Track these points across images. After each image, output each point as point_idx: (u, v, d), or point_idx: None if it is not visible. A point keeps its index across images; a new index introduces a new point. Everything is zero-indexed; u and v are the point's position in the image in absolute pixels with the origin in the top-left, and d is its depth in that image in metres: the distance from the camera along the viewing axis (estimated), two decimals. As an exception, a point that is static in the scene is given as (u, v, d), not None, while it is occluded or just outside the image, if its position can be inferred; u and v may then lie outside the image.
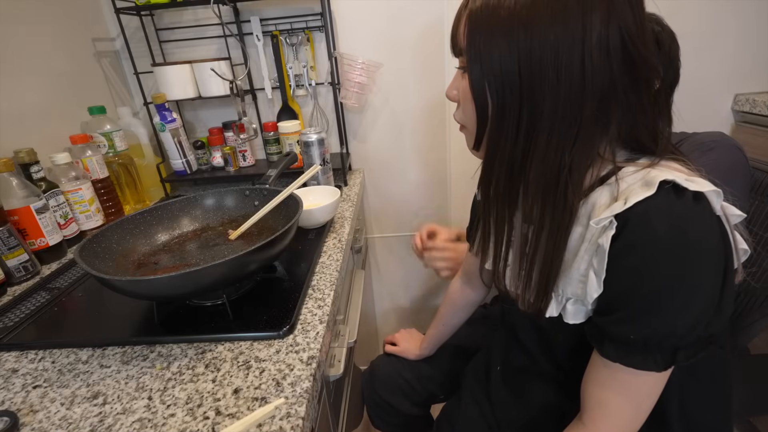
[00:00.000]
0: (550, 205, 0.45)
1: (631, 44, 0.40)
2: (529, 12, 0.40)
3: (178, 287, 0.56)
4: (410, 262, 1.48)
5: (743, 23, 1.12)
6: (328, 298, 0.65)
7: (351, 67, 1.14)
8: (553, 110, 0.41)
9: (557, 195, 0.44)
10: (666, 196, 0.40)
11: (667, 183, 0.40)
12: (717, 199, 0.41)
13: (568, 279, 0.47)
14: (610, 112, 0.42)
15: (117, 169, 1.05)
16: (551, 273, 0.47)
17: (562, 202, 0.44)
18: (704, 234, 0.40)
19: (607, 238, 0.42)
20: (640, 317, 0.42)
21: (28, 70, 0.93)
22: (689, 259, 0.40)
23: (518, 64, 0.41)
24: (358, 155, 1.32)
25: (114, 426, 0.46)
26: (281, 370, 0.52)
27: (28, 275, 0.77)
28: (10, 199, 0.77)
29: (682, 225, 0.39)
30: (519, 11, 0.40)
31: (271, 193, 0.77)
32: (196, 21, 1.16)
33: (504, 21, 0.41)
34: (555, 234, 0.46)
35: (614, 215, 0.41)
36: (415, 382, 0.93)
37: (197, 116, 1.29)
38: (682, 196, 0.40)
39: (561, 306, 0.50)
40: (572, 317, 0.49)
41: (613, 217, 0.41)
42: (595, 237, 0.44)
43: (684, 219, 0.39)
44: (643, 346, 0.43)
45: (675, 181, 0.40)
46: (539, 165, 0.44)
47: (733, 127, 1.22)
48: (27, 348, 0.60)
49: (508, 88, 0.42)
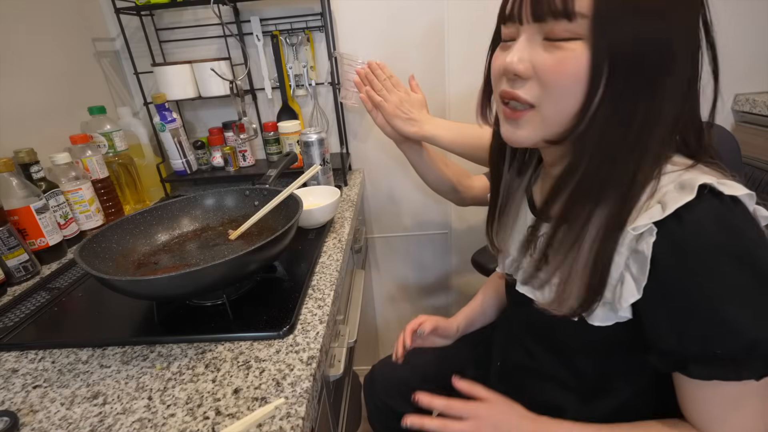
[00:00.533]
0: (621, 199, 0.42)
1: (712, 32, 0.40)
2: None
3: (178, 287, 0.56)
4: (410, 262, 1.48)
5: (743, 23, 1.12)
6: (328, 298, 0.65)
7: (351, 67, 1.14)
8: (669, 97, 0.40)
9: (634, 189, 0.42)
10: (710, 201, 0.39)
11: (705, 187, 0.39)
12: (750, 201, 0.40)
13: None
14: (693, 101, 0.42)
15: (117, 169, 1.05)
16: (604, 273, 0.44)
17: (636, 198, 0.42)
18: (755, 235, 0.39)
19: (648, 245, 0.40)
20: (721, 330, 0.40)
21: (28, 70, 0.93)
22: (751, 261, 0.38)
23: (655, 42, 0.38)
24: (358, 155, 1.32)
25: (114, 426, 0.46)
26: (281, 370, 0.52)
27: (28, 275, 0.77)
28: (10, 199, 0.77)
29: (737, 229, 0.39)
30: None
31: (271, 193, 0.77)
32: (196, 21, 1.16)
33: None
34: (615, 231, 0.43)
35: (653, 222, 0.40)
36: (417, 385, 0.92)
37: (197, 116, 1.29)
38: (722, 199, 0.39)
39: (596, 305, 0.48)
40: (600, 320, 0.47)
41: (652, 224, 0.40)
42: (632, 242, 0.42)
43: (735, 222, 0.39)
44: (731, 359, 0.40)
45: (711, 185, 0.39)
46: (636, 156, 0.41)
47: (733, 127, 1.22)
48: (27, 348, 0.60)
49: (635, 67, 0.39)
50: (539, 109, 0.44)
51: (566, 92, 0.41)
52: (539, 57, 0.42)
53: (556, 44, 0.41)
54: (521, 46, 0.43)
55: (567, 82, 0.41)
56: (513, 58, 0.43)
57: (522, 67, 0.43)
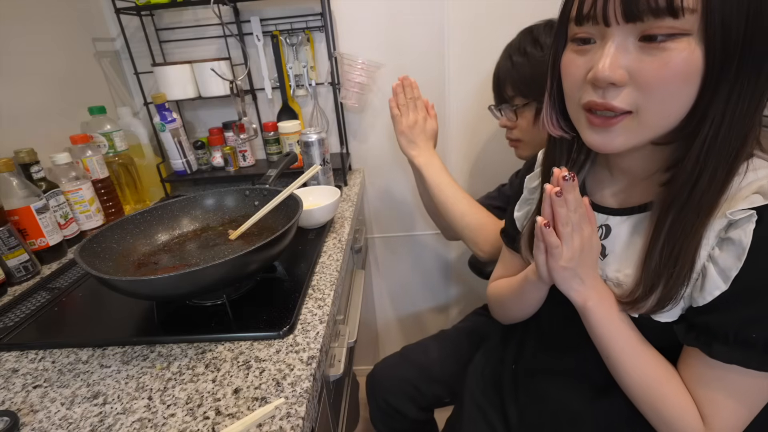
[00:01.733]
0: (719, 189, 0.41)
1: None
2: None
3: (178, 287, 0.56)
4: (410, 262, 1.48)
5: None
6: (328, 298, 0.65)
7: (351, 67, 1.14)
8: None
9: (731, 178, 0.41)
10: None
11: None
12: None
13: None
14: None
15: (117, 169, 1.05)
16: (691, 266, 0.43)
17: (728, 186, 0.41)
18: None
19: (747, 233, 0.39)
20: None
21: (28, 70, 0.93)
22: None
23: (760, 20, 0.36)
24: (358, 155, 1.32)
25: (114, 426, 0.46)
26: (281, 370, 0.52)
27: (28, 275, 0.77)
28: (10, 199, 0.77)
29: None
30: None
31: (271, 193, 0.77)
32: (196, 21, 1.16)
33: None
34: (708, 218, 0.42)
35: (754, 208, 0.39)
36: (421, 384, 0.91)
37: (197, 116, 1.29)
38: None
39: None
40: (669, 315, 0.46)
41: (754, 210, 0.39)
42: (721, 231, 0.41)
43: None
44: (764, 346, 0.40)
45: None
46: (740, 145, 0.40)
47: (733, 127, 1.22)
48: (27, 348, 0.60)
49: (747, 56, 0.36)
50: (637, 114, 0.41)
51: (673, 95, 0.38)
52: (637, 61, 0.38)
53: (657, 45, 0.37)
54: (612, 50, 0.39)
55: (674, 86, 0.38)
56: (604, 66, 0.39)
57: (618, 76, 0.39)
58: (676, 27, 0.36)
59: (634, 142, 0.43)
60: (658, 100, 0.39)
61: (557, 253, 0.47)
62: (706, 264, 0.42)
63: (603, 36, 0.40)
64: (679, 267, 0.43)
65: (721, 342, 0.42)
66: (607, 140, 0.44)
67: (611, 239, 0.52)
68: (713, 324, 0.42)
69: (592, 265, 0.49)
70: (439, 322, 1.59)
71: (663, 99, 0.39)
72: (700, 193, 0.41)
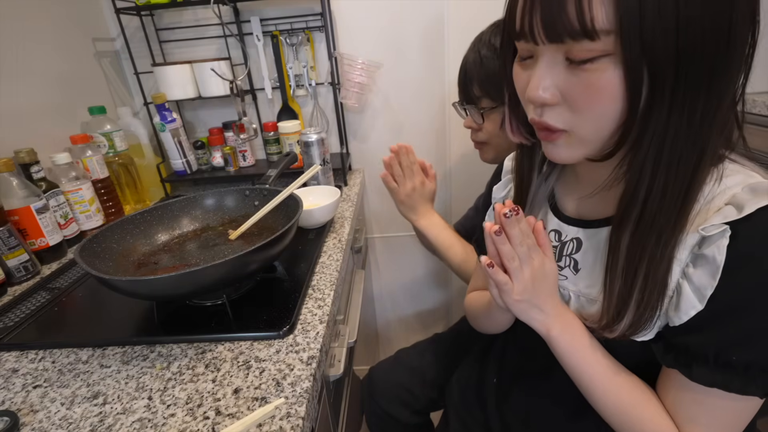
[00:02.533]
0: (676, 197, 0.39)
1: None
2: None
3: (178, 287, 0.56)
4: (411, 262, 1.48)
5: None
6: (328, 298, 0.65)
7: (351, 67, 1.14)
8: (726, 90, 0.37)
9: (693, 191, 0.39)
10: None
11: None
12: None
13: None
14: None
15: (117, 169, 1.05)
16: (663, 285, 0.41)
17: (694, 200, 0.39)
18: None
19: (721, 249, 0.37)
20: (756, 339, 0.38)
21: (28, 70, 0.93)
22: None
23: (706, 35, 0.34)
24: (358, 155, 1.32)
25: (114, 426, 0.46)
26: (281, 370, 0.52)
27: (28, 275, 0.77)
28: (10, 199, 0.77)
29: None
30: None
31: (271, 193, 0.77)
32: (196, 21, 1.16)
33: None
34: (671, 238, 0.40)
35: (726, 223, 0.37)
36: (415, 388, 0.91)
37: (197, 116, 1.29)
38: None
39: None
40: (648, 334, 0.44)
41: (727, 225, 0.37)
42: (695, 247, 0.40)
43: None
44: (744, 369, 0.38)
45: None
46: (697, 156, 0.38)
47: (733, 127, 1.22)
48: (27, 348, 0.60)
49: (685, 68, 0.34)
50: (573, 132, 0.40)
51: (603, 115, 0.38)
52: (565, 81, 0.38)
53: (581, 66, 0.36)
54: (542, 72, 0.39)
55: (602, 106, 0.37)
56: (535, 86, 0.39)
57: (549, 96, 0.39)
58: (595, 49, 0.35)
59: (579, 155, 0.42)
60: (589, 120, 0.39)
61: (507, 289, 0.46)
62: (680, 281, 0.41)
63: (536, 53, 0.40)
64: (648, 292, 0.41)
65: (701, 364, 0.40)
66: (555, 153, 0.43)
67: (583, 253, 0.50)
68: (692, 345, 0.41)
69: (550, 293, 0.48)
70: (440, 321, 1.59)
71: (594, 119, 0.38)
72: (653, 211, 0.39)
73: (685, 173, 0.38)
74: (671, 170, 0.38)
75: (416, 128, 1.28)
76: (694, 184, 0.38)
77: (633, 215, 0.41)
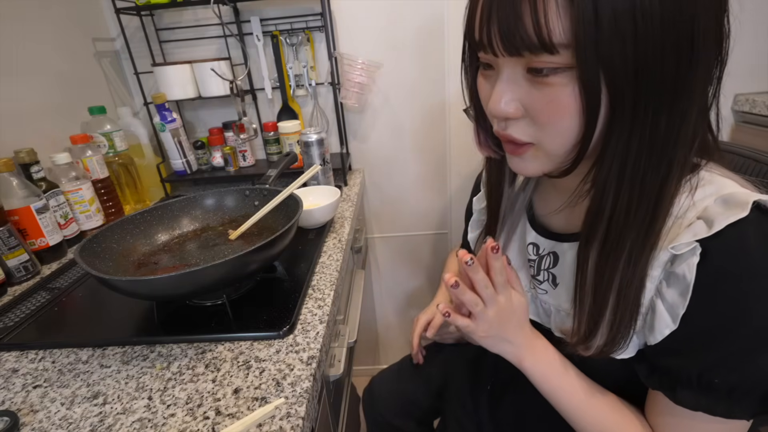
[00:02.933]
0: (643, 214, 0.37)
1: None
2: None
3: (178, 287, 0.56)
4: (410, 262, 1.48)
5: (743, 23, 1.12)
6: (328, 298, 0.65)
7: (351, 67, 1.14)
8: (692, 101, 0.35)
9: (662, 206, 0.37)
10: (759, 219, 0.35)
11: (755, 203, 0.36)
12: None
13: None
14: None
15: (117, 169, 1.05)
16: (635, 304, 0.40)
17: (665, 214, 0.38)
18: None
19: (691, 268, 0.36)
20: (737, 360, 0.37)
21: (28, 70, 0.93)
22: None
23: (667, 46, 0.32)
24: (358, 155, 1.32)
25: (114, 426, 0.46)
26: (281, 370, 0.52)
27: (28, 275, 0.77)
28: (10, 199, 0.77)
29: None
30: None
31: (271, 193, 0.77)
32: (196, 21, 1.16)
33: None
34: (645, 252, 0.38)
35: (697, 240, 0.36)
36: (419, 397, 0.89)
37: (197, 116, 1.29)
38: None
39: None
40: (626, 352, 0.43)
41: (697, 242, 0.36)
42: (667, 264, 0.38)
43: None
44: (728, 392, 0.37)
45: (760, 201, 0.36)
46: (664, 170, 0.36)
47: (733, 127, 1.22)
48: (27, 348, 0.60)
49: (646, 81, 0.33)
50: (539, 145, 0.40)
51: (566, 129, 0.37)
52: (527, 95, 0.37)
53: (541, 80, 0.35)
54: (503, 85, 0.38)
55: (564, 121, 0.36)
56: (497, 100, 0.38)
57: (511, 110, 0.38)
58: (555, 62, 0.34)
59: (547, 168, 0.41)
60: (553, 134, 0.38)
61: (471, 330, 0.46)
62: (654, 299, 0.40)
63: (497, 65, 0.38)
64: (621, 311, 0.40)
65: (685, 387, 0.39)
66: (522, 166, 0.42)
67: (560, 267, 0.49)
68: (674, 367, 0.40)
69: (519, 325, 0.48)
70: (439, 322, 1.59)
71: (558, 133, 0.37)
72: (619, 228, 0.38)
73: (651, 190, 0.37)
74: (635, 187, 0.37)
75: (416, 128, 1.28)
76: (661, 200, 0.37)
77: (599, 232, 0.40)
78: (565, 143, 0.38)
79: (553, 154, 0.39)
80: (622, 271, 0.39)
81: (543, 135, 0.38)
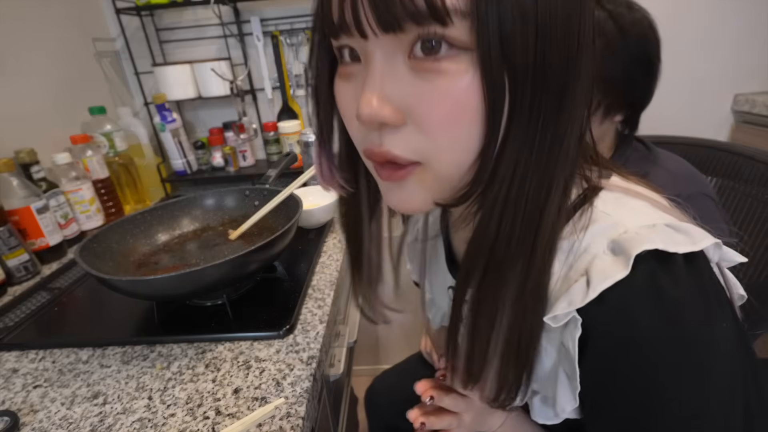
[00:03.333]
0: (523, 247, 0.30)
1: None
2: None
3: (178, 287, 0.56)
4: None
5: (743, 23, 1.12)
6: (328, 298, 0.65)
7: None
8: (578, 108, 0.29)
9: (539, 232, 0.30)
10: (648, 277, 0.28)
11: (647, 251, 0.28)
12: (715, 251, 0.31)
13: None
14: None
15: (117, 169, 1.05)
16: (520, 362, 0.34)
17: (542, 242, 0.30)
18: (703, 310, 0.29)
19: (574, 341, 0.30)
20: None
21: (28, 70, 0.93)
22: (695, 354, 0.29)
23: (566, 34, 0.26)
24: (358, 155, 1.32)
25: (114, 426, 0.46)
26: (281, 370, 0.52)
27: (28, 275, 0.77)
28: (10, 199, 0.77)
29: (676, 315, 0.28)
30: None
31: (271, 193, 0.77)
32: (196, 21, 1.16)
33: None
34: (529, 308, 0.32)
35: (576, 309, 0.30)
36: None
37: (197, 116, 1.29)
38: (670, 265, 0.29)
39: (526, 396, 0.37)
40: (541, 416, 0.38)
41: (575, 312, 0.30)
42: (557, 334, 0.33)
43: (676, 305, 0.28)
44: None
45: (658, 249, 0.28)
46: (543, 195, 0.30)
47: (733, 127, 1.22)
48: (27, 348, 0.60)
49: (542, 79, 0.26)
50: (427, 165, 0.29)
51: (460, 136, 0.28)
52: (410, 89, 0.27)
53: (430, 65, 0.26)
54: (377, 79, 0.27)
55: (459, 122, 0.27)
56: (369, 101, 0.27)
57: (387, 113, 0.27)
58: (449, 37, 0.25)
59: (438, 196, 0.31)
60: (446, 146, 0.28)
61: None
62: (558, 366, 0.34)
63: (365, 54, 0.28)
64: (508, 361, 0.34)
65: None
66: (403, 199, 0.32)
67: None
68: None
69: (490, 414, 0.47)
70: (439, 322, 1.58)
71: (452, 142, 0.28)
72: (498, 260, 0.31)
73: (533, 216, 0.29)
74: (519, 210, 0.29)
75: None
76: (539, 229, 0.30)
77: (479, 265, 0.32)
78: (460, 159, 0.29)
79: (444, 176, 0.30)
80: (509, 312, 0.32)
81: (433, 148, 0.28)
